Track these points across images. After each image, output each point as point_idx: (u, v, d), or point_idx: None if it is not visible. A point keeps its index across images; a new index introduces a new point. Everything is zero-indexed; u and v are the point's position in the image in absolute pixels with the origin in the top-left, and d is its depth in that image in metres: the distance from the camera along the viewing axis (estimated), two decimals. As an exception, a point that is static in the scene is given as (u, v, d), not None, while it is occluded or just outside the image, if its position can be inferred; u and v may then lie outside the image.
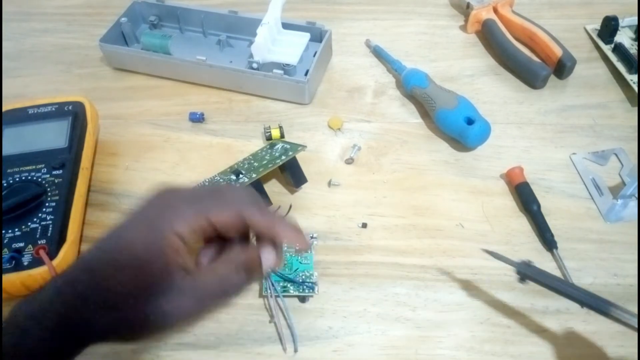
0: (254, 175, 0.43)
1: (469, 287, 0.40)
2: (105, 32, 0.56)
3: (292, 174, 0.45)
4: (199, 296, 0.28)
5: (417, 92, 0.52)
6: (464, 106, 0.48)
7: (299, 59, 0.53)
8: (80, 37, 0.62)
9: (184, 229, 0.29)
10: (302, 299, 0.40)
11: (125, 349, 0.37)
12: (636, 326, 0.31)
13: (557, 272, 0.41)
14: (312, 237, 0.43)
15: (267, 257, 0.30)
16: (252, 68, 0.52)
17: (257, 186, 0.43)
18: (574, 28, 0.60)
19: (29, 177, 0.43)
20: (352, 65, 0.58)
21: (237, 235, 0.31)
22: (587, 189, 0.46)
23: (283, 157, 0.44)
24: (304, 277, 0.40)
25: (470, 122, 0.47)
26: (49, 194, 0.42)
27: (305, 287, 0.39)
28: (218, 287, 0.29)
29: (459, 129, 0.48)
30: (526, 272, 0.35)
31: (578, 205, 0.45)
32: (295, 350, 0.37)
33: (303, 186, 0.46)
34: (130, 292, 0.27)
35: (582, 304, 0.33)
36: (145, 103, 0.55)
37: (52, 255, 0.39)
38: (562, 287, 0.34)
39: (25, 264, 0.39)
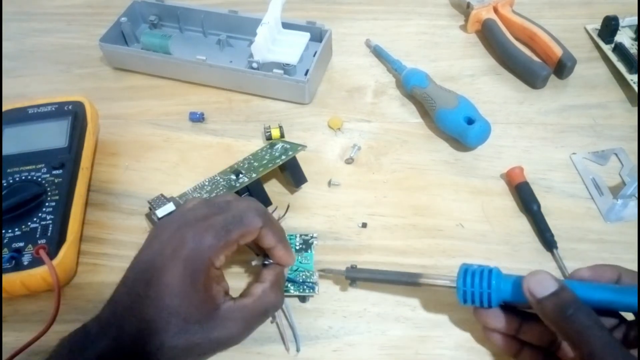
0: (253, 175, 0.43)
1: (469, 287, 0.40)
2: (105, 32, 0.56)
3: (292, 174, 0.45)
4: (244, 319, 0.32)
5: (417, 92, 0.52)
6: (464, 106, 0.48)
7: (299, 58, 0.53)
8: (80, 37, 0.62)
9: (221, 261, 0.32)
10: (302, 299, 0.40)
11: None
12: (447, 284, 0.36)
13: (557, 272, 0.41)
14: (312, 237, 0.42)
15: (287, 269, 0.37)
16: (252, 68, 0.52)
17: (257, 186, 0.43)
18: (574, 28, 0.60)
19: (29, 177, 0.43)
20: (352, 65, 0.58)
21: None
22: (587, 189, 0.46)
23: (283, 157, 0.44)
24: (304, 277, 0.40)
25: (470, 121, 0.47)
26: (49, 193, 0.42)
27: (305, 287, 0.39)
28: (261, 309, 0.33)
29: (459, 128, 0.48)
30: (354, 275, 0.39)
31: (578, 205, 0.45)
32: (298, 350, 0.37)
33: (303, 186, 0.46)
34: (183, 324, 0.29)
35: (401, 282, 0.38)
36: (145, 103, 0.55)
37: (52, 255, 0.39)
38: (382, 277, 0.38)
39: (25, 263, 0.39)
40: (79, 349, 0.29)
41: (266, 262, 0.37)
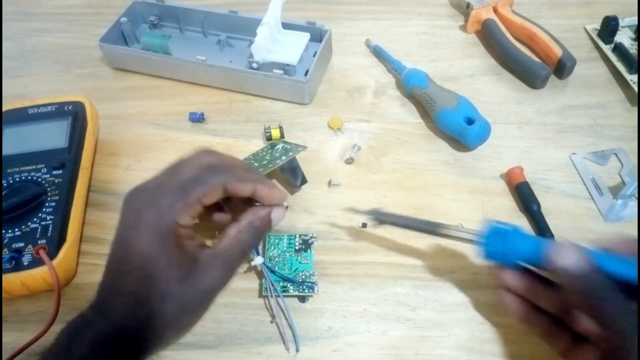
0: (254, 175, 0.43)
1: (469, 287, 0.40)
2: (105, 32, 0.56)
3: (293, 175, 0.45)
4: (224, 262, 0.32)
5: (417, 92, 0.52)
6: (464, 106, 0.48)
7: (299, 59, 0.53)
8: (80, 37, 0.62)
9: (186, 219, 0.31)
10: (302, 299, 0.40)
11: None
12: (469, 237, 0.35)
13: (557, 272, 0.41)
14: (312, 237, 0.42)
15: (277, 212, 0.35)
16: (252, 68, 0.52)
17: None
18: (574, 28, 0.60)
19: (29, 177, 0.43)
20: (352, 65, 0.58)
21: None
22: (587, 189, 0.46)
23: (283, 158, 0.44)
24: (303, 277, 0.40)
25: (470, 122, 0.47)
26: (49, 194, 0.42)
27: (305, 286, 0.39)
28: (237, 249, 0.33)
29: (459, 129, 0.48)
30: (380, 218, 0.39)
31: (578, 205, 0.45)
32: (297, 350, 0.37)
33: (303, 186, 0.46)
34: (166, 286, 0.29)
35: (422, 230, 0.38)
36: (145, 103, 0.55)
37: (52, 255, 0.39)
38: (404, 222, 0.39)
39: (25, 264, 0.39)
40: (76, 334, 0.29)
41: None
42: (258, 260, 0.38)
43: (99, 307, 0.30)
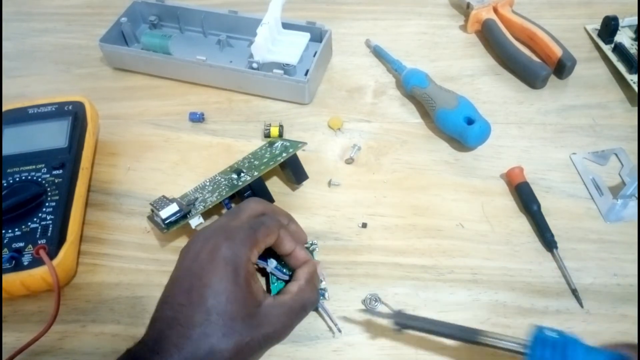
0: (255, 174, 0.42)
1: (469, 287, 0.40)
2: (105, 32, 0.56)
3: (293, 171, 0.45)
4: (285, 313, 0.33)
5: (417, 92, 0.52)
6: (464, 106, 0.48)
7: (299, 59, 0.53)
8: (80, 37, 0.62)
9: (254, 256, 0.33)
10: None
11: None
12: (514, 348, 0.32)
13: (557, 272, 0.41)
14: (312, 244, 0.42)
15: (320, 270, 0.38)
16: (252, 68, 0.52)
17: (259, 184, 0.43)
18: (574, 28, 0.60)
19: (29, 177, 0.43)
20: (352, 65, 0.58)
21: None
22: (587, 189, 0.46)
23: (284, 154, 0.44)
24: None
25: (470, 122, 0.47)
26: (49, 193, 0.43)
27: None
28: (298, 303, 0.34)
29: (459, 128, 0.48)
30: (404, 322, 0.35)
31: (578, 205, 0.45)
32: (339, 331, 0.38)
33: (303, 186, 0.46)
34: (230, 322, 0.30)
35: (454, 337, 0.34)
36: (145, 103, 0.55)
37: (52, 255, 0.39)
38: (434, 327, 0.35)
39: (25, 263, 0.39)
40: None
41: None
42: (271, 264, 0.38)
43: (155, 344, 0.29)
